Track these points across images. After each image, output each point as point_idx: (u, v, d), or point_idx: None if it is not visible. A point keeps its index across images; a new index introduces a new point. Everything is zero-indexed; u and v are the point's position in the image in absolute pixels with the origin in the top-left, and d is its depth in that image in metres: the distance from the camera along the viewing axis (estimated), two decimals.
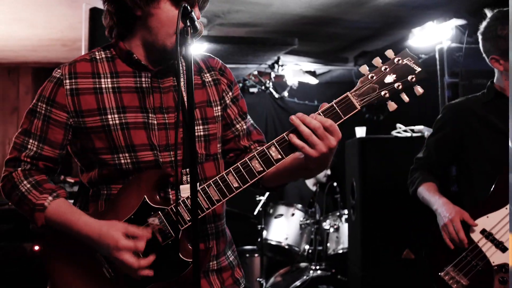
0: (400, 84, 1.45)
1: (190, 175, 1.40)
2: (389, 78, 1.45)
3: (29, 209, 1.60)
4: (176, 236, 1.56)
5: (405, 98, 1.46)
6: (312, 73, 6.41)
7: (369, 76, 1.46)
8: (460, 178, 2.44)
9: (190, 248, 1.54)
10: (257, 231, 4.85)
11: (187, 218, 1.54)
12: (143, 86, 1.63)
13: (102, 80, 1.62)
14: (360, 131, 4.26)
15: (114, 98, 1.61)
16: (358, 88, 1.46)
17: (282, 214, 4.95)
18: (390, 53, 1.48)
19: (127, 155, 1.60)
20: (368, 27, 5.27)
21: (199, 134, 1.67)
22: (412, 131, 3.98)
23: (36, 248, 1.68)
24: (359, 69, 1.48)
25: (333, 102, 1.46)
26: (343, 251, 4.71)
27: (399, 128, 4.04)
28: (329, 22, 5.08)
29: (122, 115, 1.60)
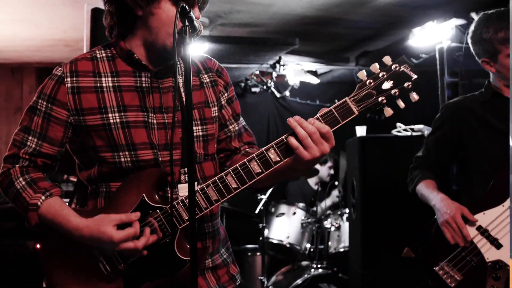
0: (397, 90, 1.48)
1: (188, 175, 1.40)
2: (386, 85, 1.49)
3: (23, 207, 1.61)
4: (174, 235, 1.57)
5: (401, 104, 1.50)
6: (313, 73, 6.40)
7: (367, 82, 1.50)
8: (460, 177, 2.44)
9: (188, 247, 1.55)
10: (259, 230, 4.86)
11: (185, 217, 1.56)
12: (143, 85, 1.64)
13: (103, 79, 1.63)
14: (361, 130, 4.27)
15: (115, 97, 1.62)
16: (357, 94, 1.49)
17: (283, 213, 4.96)
18: (387, 60, 1.51)
19: (127, 153, 1.61)
20: (369, 27, 5.27)
21: (198, 134, 1.68)
22: (412, 130, 3.98)
23: (38, 246, 1.70)
24: (358, 74, 1.52)
25: (332, 107, 1.50)
26: (344, 250, 4.71)
27: (399, 127, 4.05)
28: (330, 22, 5.09)
29: (122, 114, 1.61)
